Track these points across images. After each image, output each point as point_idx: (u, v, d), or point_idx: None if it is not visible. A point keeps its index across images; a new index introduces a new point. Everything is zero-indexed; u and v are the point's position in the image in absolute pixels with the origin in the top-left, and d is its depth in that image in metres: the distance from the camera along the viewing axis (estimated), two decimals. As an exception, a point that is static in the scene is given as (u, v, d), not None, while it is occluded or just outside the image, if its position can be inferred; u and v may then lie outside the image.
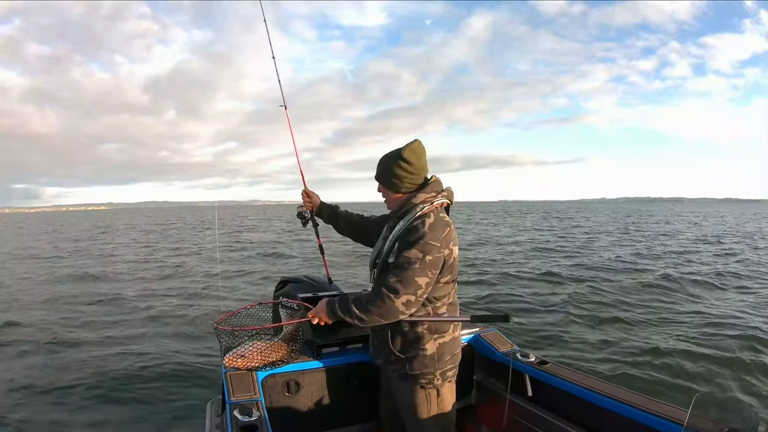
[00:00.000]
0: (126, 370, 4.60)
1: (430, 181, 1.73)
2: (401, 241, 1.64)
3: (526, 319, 6.45)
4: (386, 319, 1.61)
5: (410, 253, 1.57)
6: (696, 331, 6.06)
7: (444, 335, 1.72)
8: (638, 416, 1.60)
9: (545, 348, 5.26)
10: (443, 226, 1.64)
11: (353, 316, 1.62)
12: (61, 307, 7.49)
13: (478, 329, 2.34)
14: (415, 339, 1.69)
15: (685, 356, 5.01)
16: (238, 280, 9.97)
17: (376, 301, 1.59)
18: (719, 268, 10.86)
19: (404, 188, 1.71)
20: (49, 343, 5.44)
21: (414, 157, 1.68)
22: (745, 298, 8.18)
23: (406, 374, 1.72)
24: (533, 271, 10.43)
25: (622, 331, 6.03)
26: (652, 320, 6.57)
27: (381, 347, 1.77)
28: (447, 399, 1.77)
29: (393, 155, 1.71)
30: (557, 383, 1.91)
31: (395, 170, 1.69)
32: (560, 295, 7.98)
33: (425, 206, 1.66)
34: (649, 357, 5.00)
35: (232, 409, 1.56)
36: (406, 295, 1.56)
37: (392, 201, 1.76)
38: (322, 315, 1.72)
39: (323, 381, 1.97)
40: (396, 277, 1.57)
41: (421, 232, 1.59)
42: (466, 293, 7.89)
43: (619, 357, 5.04)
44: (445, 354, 1.72)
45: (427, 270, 1.58)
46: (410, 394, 1.74)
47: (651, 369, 4.62)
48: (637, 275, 9.87)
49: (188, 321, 6.44)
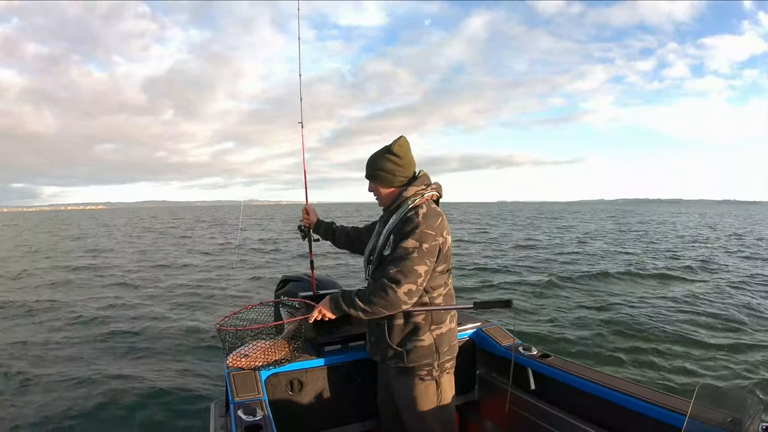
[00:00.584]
0: (128, 369, 4.62)
1: (419, 175, 1.78)
2: (396, 233, 1.67)
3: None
4: (390, 310, 1.64)
5: (407, 243, 1.61)
6: (697, 321, 6.10)
7: (441, 326, 1.75)
8: (642, 407, 1.60)
9: (550, 340, 5.30)
10: (436, 216, 1.68)
11: (357, 308, 1.65)
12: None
13: (480, 323, 2.34)
14: (413, 331, 1.72)
15: (688, 347, 5.05)
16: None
17: (379, 292, 1.61)
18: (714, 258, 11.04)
19: (396, 182, 1.76)
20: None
21: (402, 152, 1.75)
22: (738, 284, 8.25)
23: (404, 367, 1.73)
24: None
25: (623, 322, 6.05)
26: (653, 312, 6.60)
27: (378, 342, 1.79)
28: (447, 391, 1.79)
29: (382, 151, 1.77)
30: (560, 376, 1.91)
31: (386, 165, 1.74)
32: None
33: (416, 198, 1.71)
34: (650, 348, 5.04)
35: (236, 409, 1.56)
36: (408, 284, 1.59)
37: (384, 197, 1.80)
38: (326, 311, 1.74)
39: (326, 379, 1.98)
40: (396, 268, 1.60)
41: (415, 222, 1.63)
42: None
43: (621, 348, 5.07)
44: (443, 345, 1.75)
45: (425, 258, 1.62)
46: (410, 387, 1.75)
47: (653, 360, 4.65)
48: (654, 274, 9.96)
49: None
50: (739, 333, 5.67)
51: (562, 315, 6.48)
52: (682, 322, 6.05)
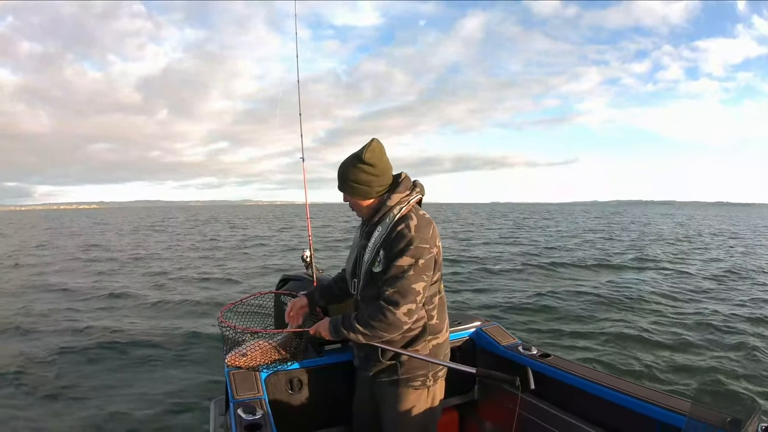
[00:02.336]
0: (128, 366, 4.60)
1: (401, 180, 1.62)
2: (386, 248, 1.55)
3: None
4: (390, 332, 1.54)
5: (402, 261, 1.50)
6: (697, 324, 6.16)
7: (438, 336, 1.67)
8: (641, 407, 1.61)
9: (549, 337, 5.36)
10: (427, 225, 1.57)
11: (357, 332, 1.56)
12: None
13: (480, 323, 2.34)
14: (409, 343, 1.63)
15: (686, 348, 5.10)
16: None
17: (378, 315, 1.52)
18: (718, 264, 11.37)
19: (374, 193, 1.60)
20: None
21: (376, 158, 1.56)
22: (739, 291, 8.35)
23: (398, 379, 1.65)
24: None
25: (623, 324, 6.10)
26: (653, 312, 6.67)
27: (369, 358, 1.69)
28: (437, 398, 1.73)
29: (352, 160, 1.58)
30: (560, 376, 1.91)
31: (360, 176, 1.57)
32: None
33: (402, 207, 1.58)
34: (649, 349, 5.07)
35: (236, 407, 1.56)
36: (406, 304, 1.50)
37: (364, 209, 1.65)
38: (324, 332, 1.66)
39: (326, 378, 1.97)
40: (392, 288, 1.50)
41: (409, 237, 1.51)
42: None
43: (619, 349, 5.10)
44: (439, 355, 1.68)
45: (422, 274, 1.52)
46: (400, 397, 1.67)
47: (652, 361, 4.68)
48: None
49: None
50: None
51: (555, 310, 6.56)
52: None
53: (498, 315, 6.49)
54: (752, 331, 5.75)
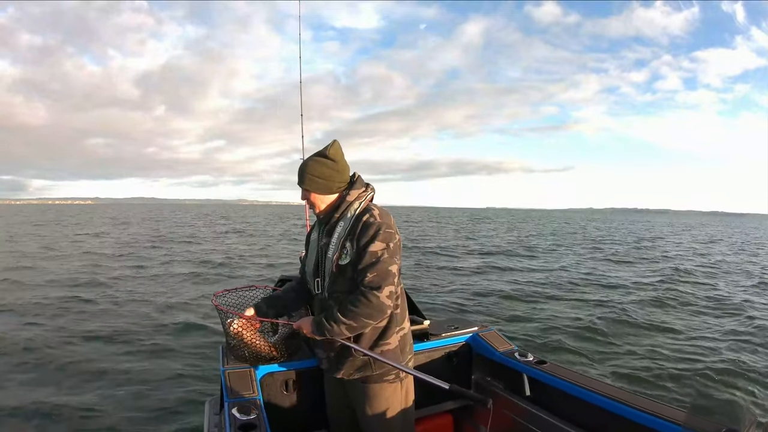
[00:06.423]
0: (123, 364, 4.57)
1: (356, 179, 1.73)
2: (354, 239, 1.60)
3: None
4: (376, 318, 1.57)
5: (374, 247, 1.56)
6: (694, 333, 6.17)
7: (403, 325, 1.73)
8: (636, 416, 1.60)
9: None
10: (387, 214, 1.66)
11: (341, 323, 1.56)
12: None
13: (477, 328, 2.34)
14: (380, 336, 1.66)
15: (682, 358, 5.11)
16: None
17: (361, 301, 1.54)
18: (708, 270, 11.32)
19: (335, 188, 1.69)
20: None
21: (338, 156, 1.69)
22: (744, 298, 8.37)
23: (371, 375, 1.68)
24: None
25: (619, 332, 6.10)
26: (649, 322, 6.67)
27: (341, 357, 1.69)
28: (411, 389, 1.77)
29: (318, 157, 1.69)
30: (555, 383, 1.91)
31: (322, 170, 1.66)
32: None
33: (361, 202, 1.68)
34: (646, 358, 5.08)
35: (231, 407, 1.56)
36: (387, 286, 1.55)
37: (325, 204, 1.71)
38: (306, 328, 1.66)
39: (321, 379, 1.96)
40: (371, 273, 1.54)
41: (377, 224, 1.59)
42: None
43: (617, 358, 5.10)
44: (406, 345, 1.74)
45: (394, 257, 1.59)
46: (375, 393, 1.69)
47: (648, 370, 4.68)
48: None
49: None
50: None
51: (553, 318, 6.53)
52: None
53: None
54: (750, 340, 5.75)
